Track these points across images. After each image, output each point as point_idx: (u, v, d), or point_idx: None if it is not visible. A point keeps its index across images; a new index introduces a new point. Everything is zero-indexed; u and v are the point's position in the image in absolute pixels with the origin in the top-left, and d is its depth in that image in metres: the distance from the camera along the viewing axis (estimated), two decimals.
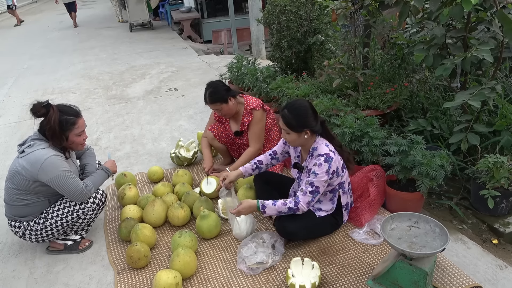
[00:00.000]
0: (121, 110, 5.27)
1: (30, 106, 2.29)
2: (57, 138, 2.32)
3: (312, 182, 2.22)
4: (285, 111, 2.27)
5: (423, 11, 2.86)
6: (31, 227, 2.42)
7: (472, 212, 2.70)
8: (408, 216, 2.05)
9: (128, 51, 9.18)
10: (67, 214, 2.41)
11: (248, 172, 2.64)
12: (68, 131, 2.34)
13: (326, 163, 2.21)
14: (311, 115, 2.26)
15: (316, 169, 2.22)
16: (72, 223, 2.48)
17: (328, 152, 2.25)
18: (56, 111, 2.30)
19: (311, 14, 4.23)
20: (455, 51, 2.60)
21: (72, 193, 2.34)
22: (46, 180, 2.27)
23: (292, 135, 2.27)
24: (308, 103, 2.30)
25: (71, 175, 2.33)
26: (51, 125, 2.27)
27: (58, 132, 2.30)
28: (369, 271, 2.20)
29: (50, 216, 2.41)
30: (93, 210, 2.49)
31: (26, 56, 9.57)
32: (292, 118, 2.23)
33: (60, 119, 2.30)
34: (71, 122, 2.34)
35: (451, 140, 2.65)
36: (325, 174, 2.21)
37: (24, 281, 2.42)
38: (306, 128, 2.24)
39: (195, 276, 2.29)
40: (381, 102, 3.20)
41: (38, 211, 2.42)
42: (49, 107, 2.29)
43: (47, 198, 2.41)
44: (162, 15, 13.93)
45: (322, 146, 2.28)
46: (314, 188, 2.22)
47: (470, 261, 2.26)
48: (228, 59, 6.65)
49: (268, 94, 3.98)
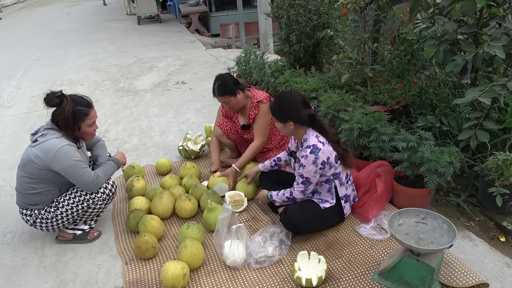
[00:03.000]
0: (129, 103, 5.30)
1: (44, 96, 2.30)
2: (70, 128, 2.34)
3: (302, 173, 2.32)
4: (273, 101, 2.41)
5: (434, 6, 2.83)
6: (42, 216, 2.46)
7: (480, 209, 2.69)
8: (415, 212, 2.05)
9: (136, 43, 9.21)
10: (77, 203, 2.45)
11: (267, 168, 2.81)
12: (81, 122, 2.37)
13: (312, 154, 2.26)
14: (297, 107, 2.32)
15: (303, 160, 2.29)
16: (83, 212, 2.51)
17: (315, 143, 2.29)
18: (70, 101, 2.32)
19: (321, 8, 4.21)
20: (466, 47, 2.57)
21: (84, 183, 2.37)
22: (58, 169, 2.29)
23: (279, 124, 2.40)
24: (298, 96, 2.38)
25: (83, 165, 2.35)
26: (65, 115, 2.30)
27: (72, 122, 2.32)
28: (375, 266, 2.21)
29: (61, 205, 2.44)
30: (103, 200, 2.52)
31: (35, 48, 9.63)
32: (277, 108, 2.36)
33: (74, 109, 2.32)
34: (84, 113, 2.37)
35: (460, 137, 2.63)
36: (312, 166, 2.27)
37: (34, 269, 2.46)
38: (289, 120, 2.32)
39: (202, 268, 2.31)
40: (389, 97, 3.19)
41: (49, 200, 2.45)
42: (63, 97, 2.31)
43: (58, 187, 2.44)
44: (170, 8, 13.92)
45: (311, 137, 2.33)
46: (305, 179, 2.33)
47: (477, 258, 2.26)
48: (236, 53, 6.66)
49: (276, 88, 3.97)
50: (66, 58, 8.29)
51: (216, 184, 2.92)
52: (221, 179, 2.94)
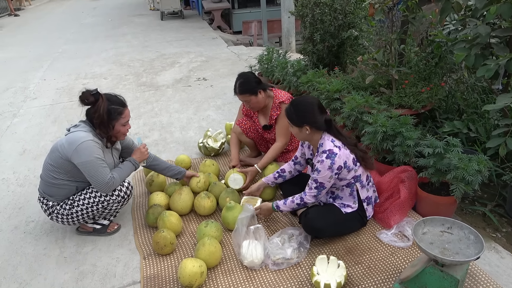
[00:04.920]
0: (150, 98, 5.35)
1: (79, 94, 2.31)
2: (104, 127, 2.36)
3: (316, 179, 2.27)
4: (289, 105, 2.36)
5: (466, 8, 2.73)
6: (58, 211, 2.48)
7: (507, 220, 2.59)
8: (441, 221, 1.99)
9: (158, 39, 9.29)
10: (92, 204, 2.45)
11: (270, 181, 2.75)
12: (115, 121, 2.38)
13: (328, 160, 2.21)
14: (314, 112, 2.28)
15: (318, 166, 2.25)
16: (98, 213, 2.53)
17: (331, 148, 2.24)
18: (105, 100, 2.33)
19: (347, 8, 4.13)
20: (499, 51, 2.48)
21: (98, 182, 2.35)
22: (77, 163, 2.31)
23: (294, 129, 2.36)
24: (315, 101, 2.34)
25: (102, 164, 2.34)
26: (100, 113, 2.31)
27: (106, 120, 2.34)
28: (396, 274, 2.15)
29: (76, 204, 2.45)
30: (118, 202, 2.52)
31: (61, 41, 9.83)
32: (293, 112, 2.31)
33: (109, 108, 2.34)
34: (118, 112, 2.38)
35: (489, 144, 2.54)
36: (328, 171, 2.22)
37: (54, 259, 2.50)
38: (305, 124, 2.28)
39: (219, 267, 2.30)
40: (415, 101, 3.11)
41: (64, 195, 2.46)
42: (98, 95, 2.33)
43: (76, 184, 2.44)
44: (193, 4, 14.00)
45: (327, 142, 2.28)
46: (319, 184, 2.28)
47: (503, 271, 2.17)
48: (258, 51, 6.63)
49: (298, 88, 3.93)
50: (90, 51, 8.43)
51: (231, 175, 2.93)
52: (237, 173, 2.95)
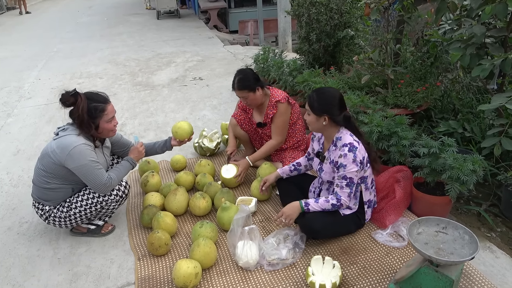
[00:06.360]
0: (146, 97, 5.32)
1: (59, 96, 2.28)
2: (86, 126, 2.31)
3: (344, 175, 2.22)
4: (313, 93, 2.32)
5: (461, 8, 2.74)
6: (55, 214, 2.46)
7: (502, 220, 2.60)
8: (436, 221, 1.98)
9: (154, 38, 9.25)
10: (90, 205, 2.43)
11: (286, 173, 2.72)
12: (98, 118, 2.33)
13: (350, 153, 2.19)
14: (336, 104, 2.26)
15: (342, 160, 2.21)
16: (96, 213, 2.51)
17: (352, 141, 2.23)
18: (84, 99, 2.28)
19: (342, 7, 4.13)
20: (494, 51, 2.48)
21: (95, 184, 2.34)
22: (72, 167, 2.28)
23: (312, 117, 2.30)
24: (338, 94, 2.31)
25: (97, 166, 2.32)
26: (79, 113, 2.27)
27: (87, 120, 2.29)
28: (391, 274, 2.15)
29: (74, 205, 2.43)
30: (116, 201, 2.51)
31: (56, 40, 9.78)
32: (316, 100, 2.27)
33: (89, 106, 2.29)
34: (100, 109, 2.33)
35: (484, 144, 2.54)
36: (353, 164, 2.20)
37: (48, 260, 2.48)
38: (325, 114, 2.24)
39: (214, 267, 2.29)
40: (411, 101, 3.11)
41: (60, 198, 2.44)
42: (77, 95, 2.28)
43: (71, 186, 2.42)
44: (189, 4, 13.96)
45: (346, 135, 2.26)
46: (348, 180, 2.23)
47: (498, 271, 2.18)
48: (254, 50, 6.62)
49: (293, 88, 3.92)
50: (86, 50, 8.39)
51: (224, 166, 3.04)
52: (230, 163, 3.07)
